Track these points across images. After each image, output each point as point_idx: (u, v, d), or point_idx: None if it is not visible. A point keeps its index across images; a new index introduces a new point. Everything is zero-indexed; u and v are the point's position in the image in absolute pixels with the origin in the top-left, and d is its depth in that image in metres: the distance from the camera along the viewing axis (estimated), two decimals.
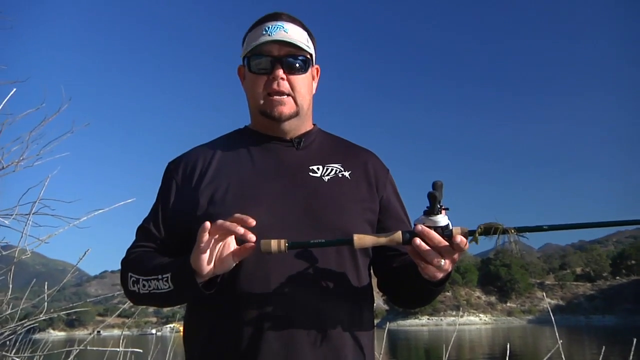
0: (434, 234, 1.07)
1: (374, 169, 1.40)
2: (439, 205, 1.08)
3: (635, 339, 2.80)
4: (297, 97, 1.32)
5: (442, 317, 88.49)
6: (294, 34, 1.31)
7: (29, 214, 2.44)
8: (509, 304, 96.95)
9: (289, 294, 1.18)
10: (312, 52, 1.36)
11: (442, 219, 1.08)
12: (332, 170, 1.33)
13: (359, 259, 1.28)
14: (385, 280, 1.39)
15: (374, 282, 1.39)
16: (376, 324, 1.38)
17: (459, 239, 1.07)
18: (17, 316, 2.55)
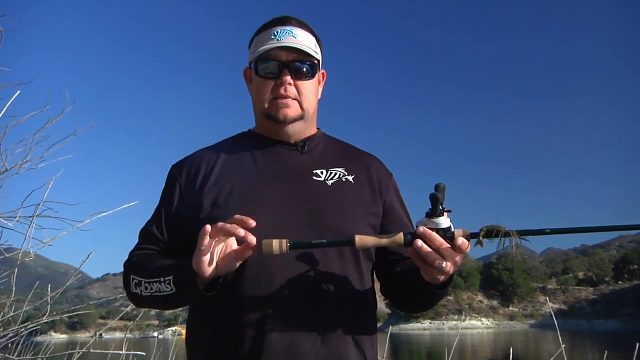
0: (435, 235, 1.07)
1: (377, 173, 1.40)
2: (441, 207, 1.07)
3: (638, 344, 2.78)
4: (303, 102, 1.33)
5: (444, 321, 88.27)
6: (302, 40, 1.31)
7: (32, 216, 2.44)
8: (511, 308, 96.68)
9: (292, 297, 1.18)
10: (319, 57, 1.36)
11: (444, 221, 1.08)
12: (335, 174, 1.34)
13: (361, 262, 1.28)
14: (387, 284, 1.39)
15: (377, 286, 1.39)
16: (378, 328, 1.37)
17: (460, 240, 1.07)
18: (19, 318, 2.55)
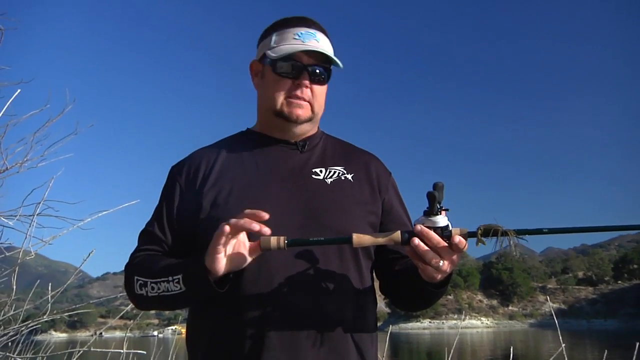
0: (432, 234, 1.07)
1: (377, 171, 1.41)
2: (438, 205, 1.07)
3: (638, 343, 2.78)
4: (314, 105, 1.34)
5: (444, 321, 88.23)
6: (324, 45, 1.33)
7: (33, 215, 2.44)
8: (510, 308, 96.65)
9: (292, 296, 1.18)
10: (340, 64, 1.34)
11: (441, 220, 1.08)
12: (335, 172, 1.34)
13: (361, 261, 1.29)
14: (387, 283, 1.39)
15: (376, 285, 1.39)
16: (378, 327, 1.38)
17: (457, 239, 1.07)
18: (20, 317, 2.55)
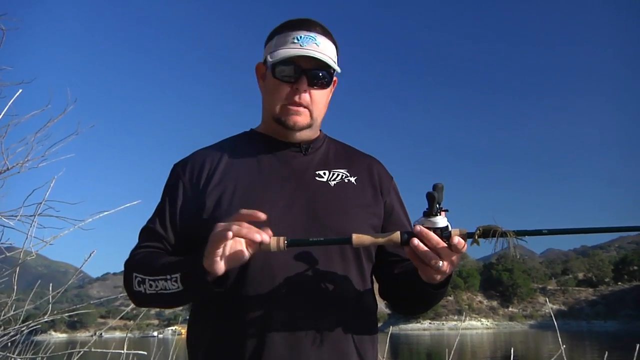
0: (432, 234, 1.07)
1: (379, 175, 1.41)
2: (437, 206, 1.07)
3: (638, 345, 2.79)
4: (313, 111, 1.32)
5: (444, 322, 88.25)
6: (325, 49, 1.30)
7: (33, 216, 2.43)
8: (511, 309, 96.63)
9: (293, 297, 1.18)
10: (338, 69, 1.34)
11: (441, 220, 1.08)
12: (338, 175, 1.34)
13: (363, 263, 1.29)
14: (386, 286, 1.39)
15: (375, 288, 1.39)
16: (378, 328, 1.37)
17: (456, 239, 1.06)
18: (20, 317, 2.55)
